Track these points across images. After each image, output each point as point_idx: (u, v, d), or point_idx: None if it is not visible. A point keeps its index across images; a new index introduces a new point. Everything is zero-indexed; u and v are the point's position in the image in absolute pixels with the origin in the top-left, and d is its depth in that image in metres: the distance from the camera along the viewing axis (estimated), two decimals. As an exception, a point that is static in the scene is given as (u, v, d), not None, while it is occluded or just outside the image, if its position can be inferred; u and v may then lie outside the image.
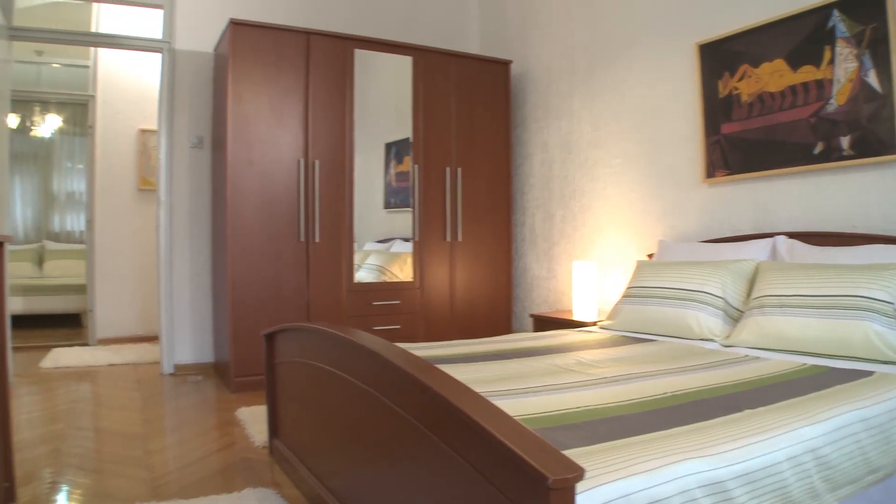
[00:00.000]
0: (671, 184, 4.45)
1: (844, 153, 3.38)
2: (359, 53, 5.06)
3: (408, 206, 5.27)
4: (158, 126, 5.35)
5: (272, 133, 4.74)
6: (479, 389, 1.81)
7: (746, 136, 3.90)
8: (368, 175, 5.17)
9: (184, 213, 5.37)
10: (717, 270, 3.47)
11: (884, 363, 2.62)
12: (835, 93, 3.41)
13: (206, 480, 2.87)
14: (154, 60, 5.97)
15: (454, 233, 5.44)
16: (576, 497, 1.24)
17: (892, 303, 2.71)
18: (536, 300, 5.74)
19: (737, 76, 3.94)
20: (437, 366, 1.87)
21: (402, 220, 5.27)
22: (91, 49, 7.06)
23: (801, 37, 3.56)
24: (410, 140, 5.26)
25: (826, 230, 3.50)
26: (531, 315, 5.05)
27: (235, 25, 4.60)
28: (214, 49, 5.28)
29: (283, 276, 4.76)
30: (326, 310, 4.91)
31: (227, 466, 3.06)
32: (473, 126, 5.56)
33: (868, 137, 3.28)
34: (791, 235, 3.56)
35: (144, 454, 3.23)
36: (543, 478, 1.18)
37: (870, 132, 3.27)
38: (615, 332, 3.75)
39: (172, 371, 5.27)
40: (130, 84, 7.06)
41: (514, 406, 1.91)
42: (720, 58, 4.04)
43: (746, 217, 3.96)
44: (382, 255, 5.26)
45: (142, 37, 5.49)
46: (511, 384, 2.32)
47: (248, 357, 4.53)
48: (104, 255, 6.88)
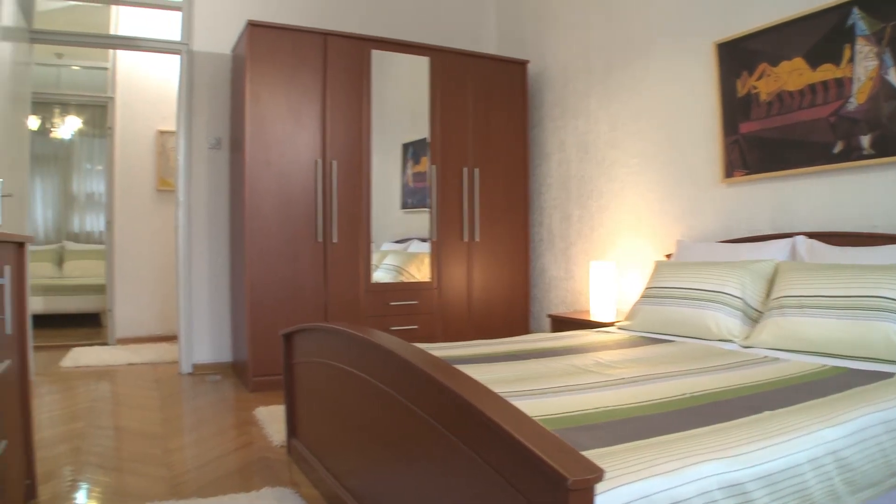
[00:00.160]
0: (689, 184, 4.42)
1: (865, 152, 3.35)
2: (376, 54, 5.07)
3: (425, 207, 5.27)
4: (177, 127, 5.38)
5: (290, 134, 4.75)
6: (498, 390, 1.81)
7: (765, 136, 3.87)
8: (385, 175, 5.18)
9: (202, 214, 5.40)
10: (736, 271, 3.45)
11: (905, 364, 2.60)
12: (855, 91, 3.38)
13: (225, 479, 2.88)
14: (172, 62, 6.02)
15: (472, 233, 5.43)
16: (595, 498, 1.24)
17: (914, 303, 2.69)
18: (554, 300, 5.72)
19: (755, 75, 3.91)
20: (456, 366, 1.87)
21: (419, 221, 5.28)
22: (110, 51, 7.12)
23: (821, 35, 3.53)
24: (427, 140, 5.27)
25: (846, 230, 3.47)
26: (549, 315, 5.03)
27: (253, 27, 4.62)
28: (232, 50, 5.31)
29: (301, 277, 4.78)
30: (344, 310, 4.92)
31: (245, 465, 3.08)
32: (490, 126, 5.55)
33: (889, 136, 3.24)
34: (811, 235, 3.53)
35: (163, 453, 3.25)
36: (563, 478, 1.17)
37: (890, 131, 3.23)
38: (633, 333, 3.74)
39: (191, 371, 5.30)
40: (149, 86, 7.10)
41: (533, 407, 1.91)
42: (738, 57, 4.01)
43: (765, 217, 3.93)
44: (400, 256, 5.27)
45: (160, 39, 5.52)
46: (530, 385, 2.31)
47: (266, 357, 4.55)
48: (123, 256, 6.93)
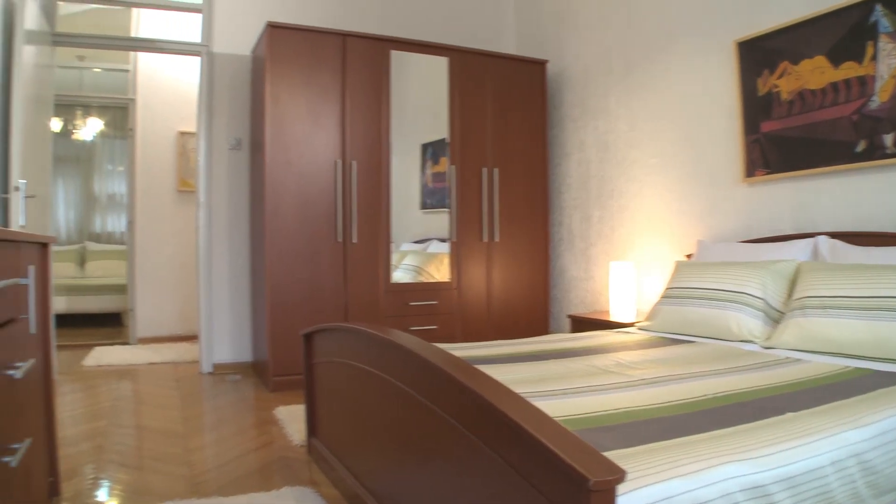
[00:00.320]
0: (710, 183, 4.40)
1: (888, 151, 3.31)
2: (394, 54, 5.08)
3: (444, 207, 5.28)
4: (197, 128, 5.42)
5: (309, 134, 4.77)
6: (519, 390, 1.80)
7: (787, 135, 3.84)
8: (405, 176, 5.19)
9: (222, 215, 5.43)
10: (758, 271, 3.42)
11: (930, 366, 2.57)
12: (877, 89, 3.34)
13: (245, 478, 2.90)
14: (193, 64, 6.07)
15: (491, 233, 5.43)
16: (617, 499, 1.23)
17: (939, 304, 2.66)
18: (574, 301, 5.71)
19: (776, 73, 3.88)
20: (476, 366, 1.87)
21: (439, 221, 5.28)
22: (131, 53, 7.18)
23: (843, 33, 3.49)
24: (446, 141, 5.27)
25: (869, 230, 3.43)
26: (569, 316, 5.02)
27: (272, 28, 4.65)
28: (252, 52, 5.34)
29: (321, 277, 4.80)
30: (364, 310, 4.93)
31: (266, 465, 3.09)
32: (510, 126, 5.55)
33: (913, 135, 3.21)
34: (833, 235, 3.49)
35: (184, 452, 3.28)
36: (584, 479, 1.17)
37: (915, 130, 3.20)
38: (654, 334, 3.72)
39: (211, 370, 5.33)
40: (170, 87, 7.16)
41: (554, 407, 1.91)
42: (759, 55, 3.98)
43: (787, 217, 3.90)
44: (419, 256, 5.28)
45: (181, 41, 5.57)
46: (550, 385, 2.31)
47: (286, 357, 4.56)
48: (144, 256, 6.99)
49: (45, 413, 2.48)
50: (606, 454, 1.34)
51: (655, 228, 4.85)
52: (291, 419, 3.78)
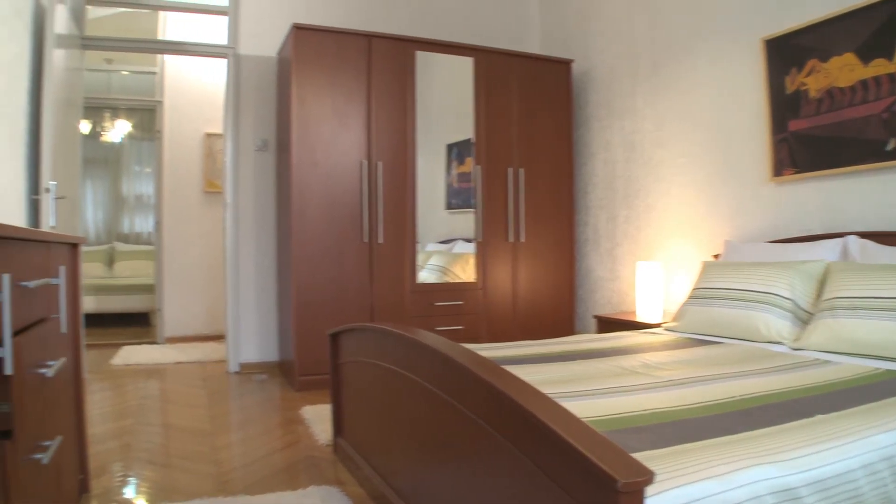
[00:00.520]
0: (737, 183, 4.36)
1: (920, 150, 3.27)
2: (420, 55, 5.09)
3: (469, 207, 5.28)
4: (224, 130, 5.46)
5: (335, 135, 4.79)
6: (546, 391, 1.80)
7: (815, 133, 3.79)
8: (430, 176, 5.20)
9: (249, 215, 5.47)
10: (786, 271, 3.39)
11: (964, 368, 2.53)
12: (910, 88, 3.30)
13: (271, 477, 2.92)
14: (219, 66, 6.12)
15: (517, 233, 5.42)
16: (645, 500, 1.22)
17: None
18: (600, 301, 5.69)
19: (804, 71, 3.84)
20: (503, 366, 1.87)
21: (464, 221, 5.28)
22: (158, 56, 7.27)
23: (872, 29, 3.44)
24: (472, 141, 5.27)
25: (901, 230, 3.39)
26: (595, 316, 5.00)
27: (298, 30, 4.67)
28: (278, 53, 5.37)
29: (347, 277, 4.82)
30: (389, 310, 4.94)
31: (292, 464, 3.11)
32: (535, 126, 5.54)
33: (946, 134, 3.16)
34: (863, 235, 3.44)
35: (211, 450, 3.31)
36: (613, 480, 1.17)
37: (948, 128, 3.15)
38: (681, 334, 3.69)
39: (238, 369, 5.37)
40: (196, 89, 7.23)
41: (581, 408, 1.90)
42: (787, 53, 3.94)
43: (816, 216, 3.85)
44: (445, 256, 5.28)
45: (207, 43, 5.63)
46: (577, 386, 2.30)
47: (312, 356, 4.59)
48: (172, 256, 7.07)
49: (76, 411, 2.51)
50: (635, 455, 1.34)
51: (682, 228, 4.82)
52: (317, 419, 3.80)
